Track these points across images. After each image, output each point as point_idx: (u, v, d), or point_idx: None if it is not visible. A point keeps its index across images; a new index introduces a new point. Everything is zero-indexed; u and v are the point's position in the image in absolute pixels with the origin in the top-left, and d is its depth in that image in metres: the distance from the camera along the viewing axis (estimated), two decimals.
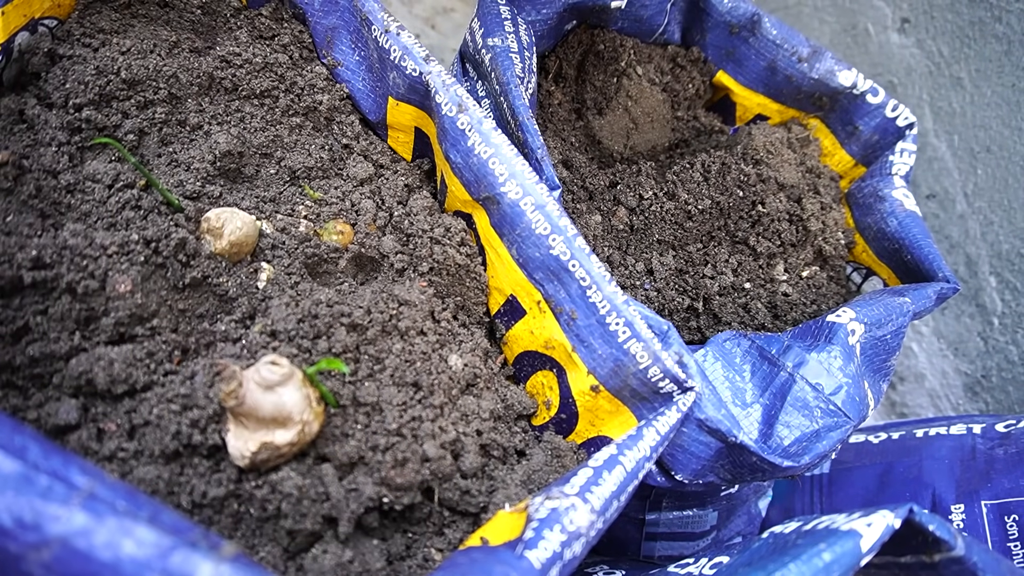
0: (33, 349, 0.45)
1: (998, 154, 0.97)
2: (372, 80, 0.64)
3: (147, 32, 0.58)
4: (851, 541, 0.41)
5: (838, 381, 0.58)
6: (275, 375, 0.42)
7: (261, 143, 0.58)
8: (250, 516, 0.45)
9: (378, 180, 0.63)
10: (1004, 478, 0.70)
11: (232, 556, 0.29)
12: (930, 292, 0.67)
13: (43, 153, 0.51)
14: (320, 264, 0.56)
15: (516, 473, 0.52)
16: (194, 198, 0.54)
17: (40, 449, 0.29)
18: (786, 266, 0.75)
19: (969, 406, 1.11)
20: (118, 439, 0.44)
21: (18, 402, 0.45)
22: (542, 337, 0.56)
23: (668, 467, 0.55)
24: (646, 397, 0.52)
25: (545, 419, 0.58)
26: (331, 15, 0.63)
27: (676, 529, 0.74)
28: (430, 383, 0.50)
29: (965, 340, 1.08)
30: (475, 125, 0.54)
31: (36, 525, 0.27)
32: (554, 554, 0.38)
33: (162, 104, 0.56)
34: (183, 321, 0.49)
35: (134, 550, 0.28)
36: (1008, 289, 1.00)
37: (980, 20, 0.95)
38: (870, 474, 0.81)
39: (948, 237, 1.06)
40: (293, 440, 0.43)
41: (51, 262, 0.45)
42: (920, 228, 0.73)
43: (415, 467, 0.46)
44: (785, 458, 0.53)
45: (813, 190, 0.79)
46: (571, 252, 0.51)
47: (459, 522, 0.50)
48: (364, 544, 0.46)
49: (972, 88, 0.98)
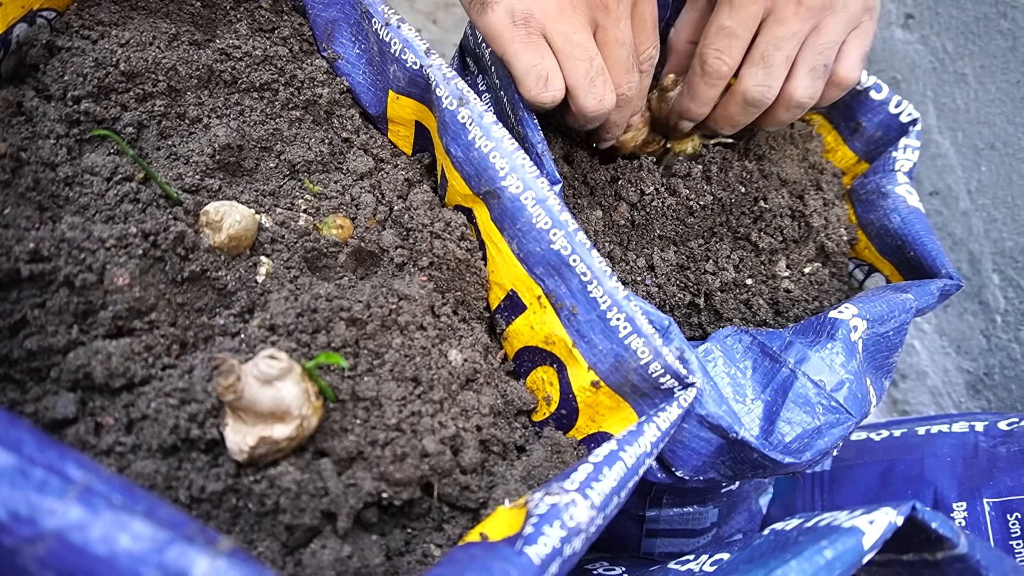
0: (31, 342, 0.44)
1: (1002, 151, 0.97)
2: (372, 74, 0.63)
3: (146, 24, 0.58)
4: (853, 538, 0.40)
5: (840, 377, 0.58)
6: (274, 369, 0.42)
7: (261, 136, 0.58)
8: (248, 511, 0.44)
9: (378, 174, 0.63)
10: (1007, 476, 0.70)
11: (229, 551, 0.29)
12: (933, 289, 0.67)
13: (41, 145, 0.50)
14: (319, 258, 0.55)
15: (516, 469, 0.52)
16: (193, 191, 0.54)
17: (36, 442, 0.29)
18: (788, 262, 0.74)
19: (971, 404, 1.10)
20: (116, 433, 0.44)
21: (16, 396, 0.45)
22: (542, 332, 0.56)
23: (669, 463, 0.55)
24: (647, 393, 0.51)
25: (545, 415, 0.58)
26: (331, 8, 0.62)
27: (676, 526, 0.74)
28: (430, 378, 0.50)
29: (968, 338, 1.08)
30: (476, 119, 0.53)
31: (31, 519, 0.27)
32: (554, 550, 0.38)
33: (161, 97, 0.55)
34: (181, 315, 0.49)
35: (130, 544, 0.27)
36: (1011, 287, 1.00)
37: (985, 16, 0.95)
38: (872, 472, 0.81)
39: (951, 234, 1.06)
40: (292, 435, 0.43)
41: (49, 255, 0.44)
42: (923, 225, 0.72)
43: (414, 462, 0.45)
44: (786, 454, 0.53)
45: (815, 186, 0.79)
46: (572, 247, 0.51)
47: (458, 518, 0.50)
48: (363, 539, 0.46)
49: (976, 84, 0.98)
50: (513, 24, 0.54)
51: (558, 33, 0.55)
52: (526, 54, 0.55)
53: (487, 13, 0.55)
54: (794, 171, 0.76)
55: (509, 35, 0.54)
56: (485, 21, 0.55)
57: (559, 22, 0.54)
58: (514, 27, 0.54)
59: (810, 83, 0.64)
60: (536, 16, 0.54)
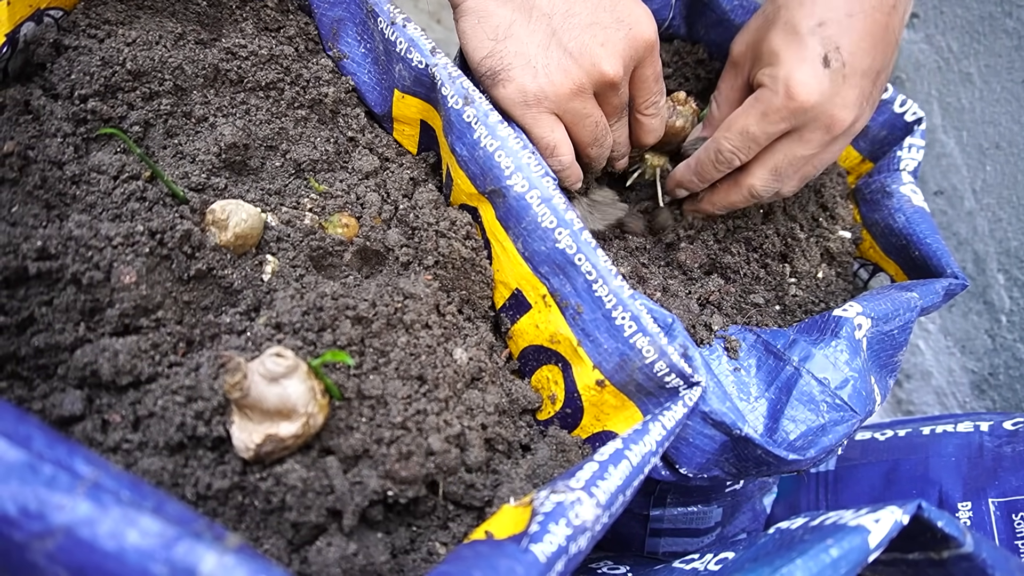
0: (38, 340, 0.45)
1: (1007, 150, 0.97)
2: (378, 73, 0.63)
3: (153, 23, 0.58)
4: (859, 537, 0.40)
5: (844, 375, 0.58)
6: (280, 367, 0.42)
7: (266, 135, 0.58)
8: (254, 508, 0.44)
9: (383, 173, 0.63)
10: (1012, 476, 0.70)
11: (236, 547, 0.29)
12: (938, 288, 0.67)
13: (48, 144, 0.50)
14: (325, 257, 0.55)
15: (521, 467, 0.52)
16: (199, 190, 0.54)
17: (45, 438, 0.29)
18: (793, 262, 0.74)
19: (976, 404, 1.10)
20: (123, 430, 0.44)
21: (23, 393, 0.45)
22: (547, 331, 0.56)
23: (673, 461, 0.55)
24: (652, 392, 0.51)
25: (550, 414, 0.58)
26: (337, 7, 0.63)
27: (680, 525, 0.74)
28: (435, 377, 0.50)
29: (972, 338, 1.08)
30: (481, 118, 0.54)
31: (40, 514, 0.27)
32: (559, 548, 0.38)
33: (167, 96, 0.56)
34: (188, 313, 0.49)
35: (138, 540, 0.27)
36: (1016, 286, 1.00)
37: (990, 15, 0.95)
38: (876, 471, 0.80)
39: (956, 234, 1.06)
40: (298, 432, 0.43)
41: (56, 253, 0.45)
42: (928, 224, 0.72)
43: (420, 460, 0.45)
44: (791, 451, 0.53)
45: (820, 186, 0.78)
46: (577, 246, 0.51)
47: (464, 516, 0.50)
48: (368, 537, 0.46)
49: (981, 84, 0.98)
50: (524, 104, 0.58)
51: (569, 111, 0.59)
52: (536, 129, 0.59)
53: (498, 89, 0.58)
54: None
55: (520, 112, 0.58)
56: (496, 95, 0.59)
57: (571, 102, 0.58)
58: (525, 106, 0.58)
59: (795, 187, 0.68)
60: (549, 97, 0.57)
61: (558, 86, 0.57)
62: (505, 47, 0.57)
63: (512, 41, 0.57)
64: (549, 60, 0.57)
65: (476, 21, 0.58)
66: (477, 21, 0.57)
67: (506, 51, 0.57)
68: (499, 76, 0.58)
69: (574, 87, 0.57)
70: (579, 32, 0.57)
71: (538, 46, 0.57)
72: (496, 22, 0.57)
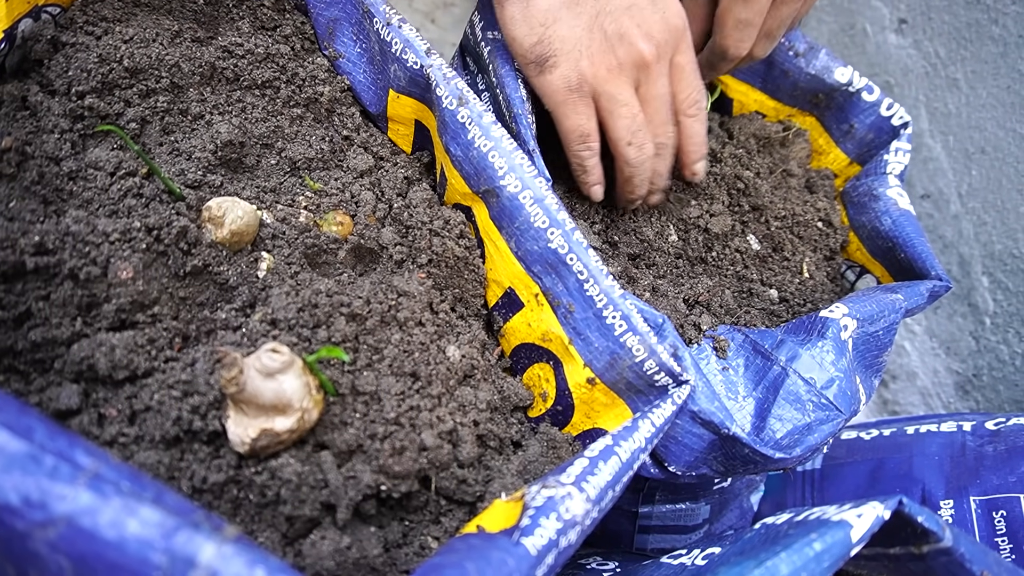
0: (35, 334, 0.45)
1: (992, 155, 0.98)
2: (373, 72, 0.64)
3: (149, 21, 0.58)
4: (841, 531, 0.41)
5: (830, 375, 0.59)
6: (275, 362, 0.42)
7: (262, 133, 0.59)
8: (249, 502, 0.45)
9: (378, 172, 0.63)
10: (993, 475, 0.71)
11: (234, 537, 0.29)
12: (923, 289, 0.68)
13: (46, 140, 0.51)
14: (320, 254, 0.56)
15: (512, 463, 0.53)
16: (195, 187, 0.55)
17: (46, 430, 0.30)
18: (781, 264, 0.75)
19: (960, 404, 1.12)
20: (119, 424, 0.45)
21: (20, 387, 0.45)
22: (539, 330, 0.57)
23: (662, 458, 0.56)
24: (641, 390, 0.52)
25: (541, 411, 0.59)
26: (333, 7, 0.63)
27: (669, 522, 0.75)
28: (428, 373, 0.51)
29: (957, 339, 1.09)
30: (475, 119, 0.54)
31: (42, 504, 0.28)
32: (550, 541, 0.39)
33: (164, 93, 0.56)
34: (184, 309, 0.49)
35: (138, 529, 0.28)
36: (1000, 289, 1.01)
37: (977, 22, 0.96)
38: (861, 470, 0.82)
39: (942, 237, 1.07)
40: (292, 427, 0.44)
41: (53, 248, 0.45)
42: (914, 227, 0.73)
43: (413, 456, 0.46)
44: (777, 450, 0.54)
45: (808, 188, 0.80)
46: (569, 246, 0.52)
47: (456, 511, 0.51)
48: (362, 531, 0.47)
49: (968, 89, 0.99)
50: (568, 89, 0.60)
51: (604, 94, 0.60)
52: (573, 116, 0.61)
53: (545, 75, 0.60)
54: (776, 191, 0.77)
55: (562, 98, 0.60)
56: (542, 81, 0.61)
57: (607, 84, 0.60)
58: (568, 91, 0.60)
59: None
60: (588, 80, 0.59)
61: (597, 66, 0.59)
62: (554, 32, 0.58)
63: (560, 25, 0.58)
64: (592, 42, 0.58)
65: (525, 6, 0.58)
66: (526, 6, 0.58)
67: (555, 36, 0.58)
68: (547, 63, 0.59)
69: (611, 66, 0.59)
70: (619, 14, 0.59)
71: (584, 29, 0.58)
72: (545, 6, 0.58)
